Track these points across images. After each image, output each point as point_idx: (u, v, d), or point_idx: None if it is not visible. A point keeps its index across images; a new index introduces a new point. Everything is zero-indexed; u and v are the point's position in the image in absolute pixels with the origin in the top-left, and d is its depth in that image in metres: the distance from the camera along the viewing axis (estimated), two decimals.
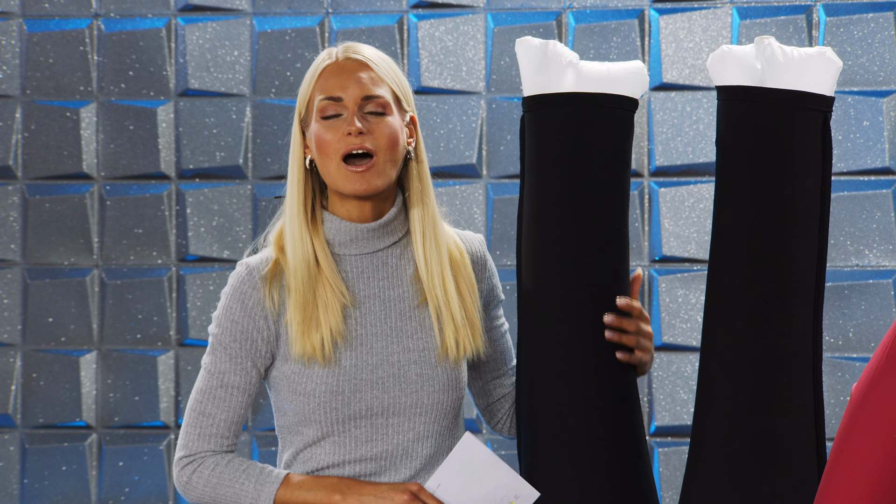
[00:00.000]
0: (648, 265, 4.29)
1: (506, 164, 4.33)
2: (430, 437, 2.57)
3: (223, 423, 2.56)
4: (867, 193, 4.23)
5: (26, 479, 4.42)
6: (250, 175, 4.38)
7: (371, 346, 2.55)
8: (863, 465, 2.17)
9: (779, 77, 2.45)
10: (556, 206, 2.53)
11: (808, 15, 4.25)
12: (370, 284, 2.59)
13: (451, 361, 2.57)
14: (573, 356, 2.53)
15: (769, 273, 2.46)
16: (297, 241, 2.56)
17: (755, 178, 2.47)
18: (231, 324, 2.56)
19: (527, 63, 2.56)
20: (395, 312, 2.58)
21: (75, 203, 4.41)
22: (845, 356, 4.23)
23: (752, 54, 2.48)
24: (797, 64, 2.45)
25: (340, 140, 2.53)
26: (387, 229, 2.60)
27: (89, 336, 4.41)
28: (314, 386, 2.53)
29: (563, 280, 2.53)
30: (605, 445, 2.52)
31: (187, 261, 4.40)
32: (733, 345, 2.47)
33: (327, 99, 2.55)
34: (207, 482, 2.55)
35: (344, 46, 2.59)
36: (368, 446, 2.55)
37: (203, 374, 2.57)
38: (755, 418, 2.46)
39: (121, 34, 4.41)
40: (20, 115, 4.42)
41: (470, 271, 2.63)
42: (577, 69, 2.54)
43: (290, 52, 4.35)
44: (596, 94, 2.52)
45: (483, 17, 4.34)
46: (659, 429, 4.27)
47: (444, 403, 2.57)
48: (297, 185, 2.58)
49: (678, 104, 4.29)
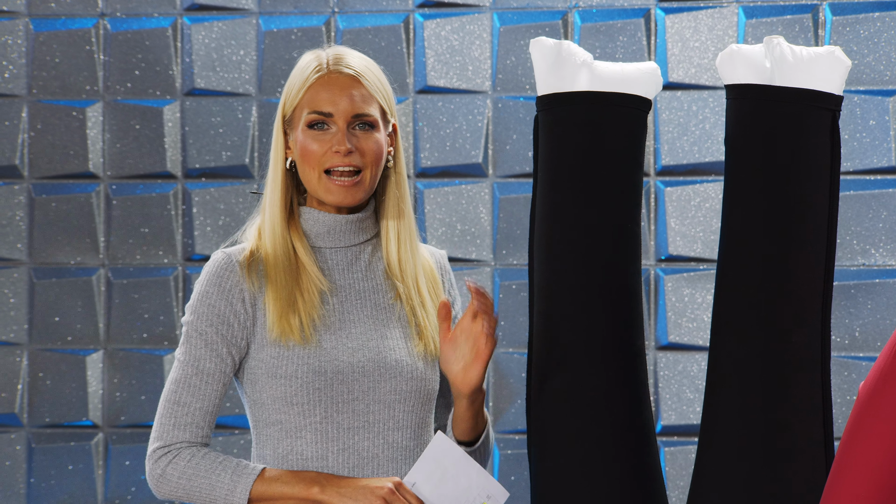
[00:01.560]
0: (655, 264, 4.29)
1: (512, 164, 4.33)
2: (408, 426, 2.58)
3: (198, 412, 2.55)
4: (873, 192, 4.22)
5: (33, 479, 4.42)
6: (256, 174, 4.38)
7: (350, 331, 2.57)
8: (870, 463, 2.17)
9: (788, 76, 2.45)
10: (569, 205, 2.54)
11: (814, 14, 4.25)
12: (346, 276, 2.62)
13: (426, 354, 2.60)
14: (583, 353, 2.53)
15: (778, 272, 2.46)
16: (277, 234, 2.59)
17: (764, 177, 2.47)
18: (207, 308, 2.56)
19: (541, 63, 2.56)
20: (370, 303, 2.61)
21: (81, 202, 4.41)
22: (852, 355, 4.23)
23: (761, 53, 2.48)
24: (806, 63, 2.46)
25: (326, 154, 2.57)
26: (361, 225, 2.63)
27: (96, 335, 4.41)
28: (295, 367, 2.53)
29: (575, 277, 2.54)
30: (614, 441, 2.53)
31: (193, 260, 4.40)
32: (742, 344, 2.47)
33: (316, 112, 2.58)
34: (182, 474, 2.53)
35: (334, 56, 2.60)
36: (350, 434, 2.55)
37: (176, 366, 2.57)
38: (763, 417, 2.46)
39: (127, 34, 4.41)
40: (26, 114, 4.42)
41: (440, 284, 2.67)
42: (591, 69, 2.54)
43: (296, 52, 4.35)
44: (610, 94, 2.53)
45: (489, 17, 4.34)
46: (665, 428, 4.27)
47: (422, 392, 2.59)
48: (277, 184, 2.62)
49: (684, 103, 4.29)
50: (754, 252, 2.47)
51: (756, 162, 2.47)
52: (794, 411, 2.46)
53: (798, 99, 2.45)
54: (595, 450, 2.52)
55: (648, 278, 4.28)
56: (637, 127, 2.55)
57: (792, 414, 2.46)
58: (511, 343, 4.27)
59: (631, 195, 2.56)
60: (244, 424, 4.37)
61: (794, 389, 2.46)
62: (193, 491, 2.53)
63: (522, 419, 4.18)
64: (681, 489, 4.23)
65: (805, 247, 2.46)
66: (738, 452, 2.47)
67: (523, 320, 4.28)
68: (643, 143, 2.57)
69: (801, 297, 2.46)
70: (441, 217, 4.32)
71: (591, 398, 2.53)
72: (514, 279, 4.32)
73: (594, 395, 2.53)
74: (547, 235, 2.56)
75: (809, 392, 2.46)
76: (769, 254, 2.46)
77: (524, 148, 4.32)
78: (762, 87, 2.47)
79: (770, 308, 2.46)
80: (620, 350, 2.55)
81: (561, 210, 2.54)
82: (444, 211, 4.33)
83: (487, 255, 4.33)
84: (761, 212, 2.46)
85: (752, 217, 2.47)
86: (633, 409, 2.55)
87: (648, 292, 4.28)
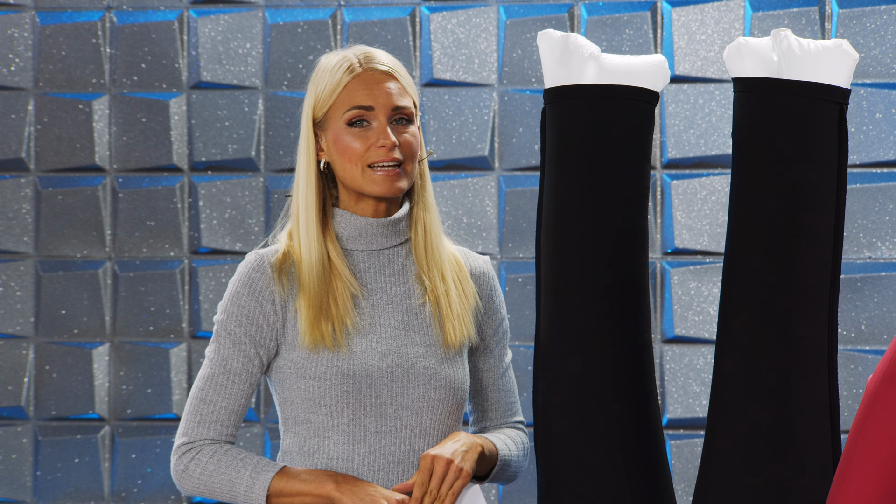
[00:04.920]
0: (661, 257, 4.29)
1: (518, 157, 4.33)
2: (435, 435, 2.58)
3: (223, 411, 2.57)
4: (880, 186, 4.22)
5: (39, 472, 4.42)
6: (262, 167, 4.38)
7: (380, 336, 2.57)
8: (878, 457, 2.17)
9: (795, 69, 2.45)
10: (576, 198, 2.54)
11: (820, 7, 4.24)
12: (377, 279, 2.61)
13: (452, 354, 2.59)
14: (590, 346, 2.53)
15: (786, 265, 2.46)
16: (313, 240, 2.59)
17: (771, 170, 2.47)
18: (237, 308, 2.58)
19: (548, 55, 2.57)
20: (401, 308, 2.60)
21: (88, 195, 4.42)
22: (858, 349, 4.23)
23: (768, 46, 2.48)
24: (814, 56, 2.46)
25: (370, 150, 2.57)
26: (395, 228, 2.62)
27: (102, 328, 4.41)
28: (325, 369, 2.54)
29: (582, 270, 2.54)
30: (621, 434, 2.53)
31: (199, 253, 4.40)
32: (749, 337, 2.47)
33: (357, 108, 2.58)
34: (204, 470, 2.55)
35: (364, 54, 2.61)
36: (376, 438, 2.56)
37: (205, 363, 2.59)
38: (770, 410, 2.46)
39: (133, 27, 4.41)
40: (33, 107, 4.43)
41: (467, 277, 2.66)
42: (599, 62, 2.54)
43: (302, 45, 4.35)
44: (617, 87, 2.53)
45: (495, 10, 4.34)
46: (671, 421, 4.27)
47: (450, 401, 2.59)
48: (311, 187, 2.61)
49: (690, 96, 4.28)
50: (761, 245, 2.47)
51: (763, 155, 2.47)
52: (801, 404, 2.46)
53: (805, 92, 2.45)
54: (601, 443, 2.52)
55: (655, 271, 4.28)
56: (644, 120, 2.55)
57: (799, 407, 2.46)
58: (517, 336, 4.27)
59: (638, 188, 2.56)
60: (251, 417, 4.38)
61: (801, 382, 2.46)
62: (215, 486, 2.55)
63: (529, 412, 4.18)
64: (687, 482, 4.24)
65: (812, 240, 2.46)
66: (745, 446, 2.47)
67: (530, 313, 4.28)
68: (650, 135, 2.57)
69: (808, 290, 2.46)
70: (447, 210, 4.32)
71: (597, 391, 2.53)
72: (520, 272, 4.32)
73: (601, 388, 2.53)
74: (554, 228, 2.56)
75: (816, 385, 2.46)
76: (776, 247, 2.46)
77: (530, 141, 4.32)
78: (770, 81, 2.47)
79: (777, 301, 2.46)
80: (627, 343, 2.55)
81: (568, 203, 2.54)
82: (451, 204, 4.33)
83: (494, 248, 4.33)
84: (768, 205, 2.46)
85: (759, 210, 2.47)
86: (640, 401, 2.56)
87: (654, 285, 4.28)
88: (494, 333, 2.70)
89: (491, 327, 2.69)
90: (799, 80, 2.45)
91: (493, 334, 2.69)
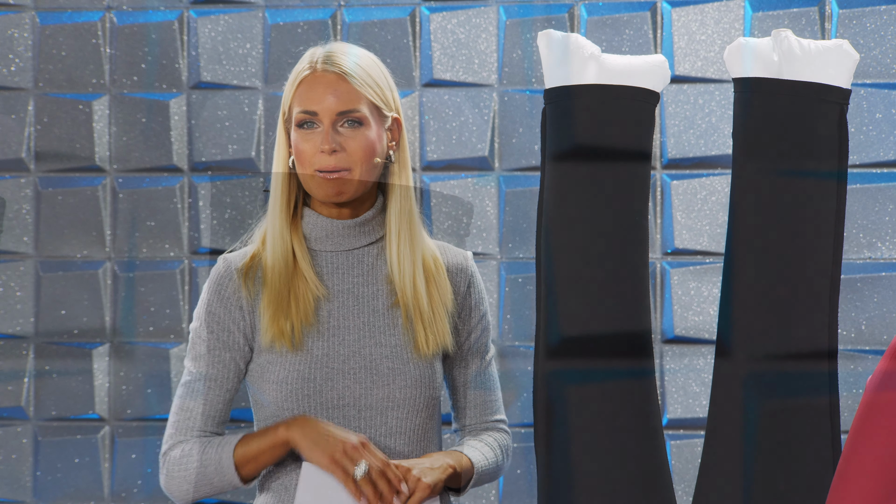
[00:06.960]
0: (661, 258, 4.29)
1: (518, 157, 4.33)
2: (402, 433, 2.59)
3: (200, 417, 2.59)
4: (880, 186, 4.22)
5: (39, 472, 4.42)
6: (263, 168, 4.39)
7: (343, 338, 2.58)
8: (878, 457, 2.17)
9: (796, 69, 2.46)
10: (577, 198, 2.54)
11: (820, 7, 4.24)
12: (344, 280, 2.62)
13: (423, 359, 2.59)
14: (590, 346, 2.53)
15: (785, 265, 2.46)
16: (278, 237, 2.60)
17: (771, 170, 2.47)
18: (208, 315, 2.60)
19: (549, 55, 2.57)
20: (368, 308, 2.61)
21: (88, 196, 4.42)
22: (858, 349, 4.23)
23: (768, 47, 2.48)
24: (814, 56, 2.46)
25: (315, 154, 2.57)
26: (364, 228, 2.62)
27: (102, 328, 4.41)
28: (286, 374, 2.55)
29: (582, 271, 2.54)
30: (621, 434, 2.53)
31: (200, 253, 4.41)
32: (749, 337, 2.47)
33: (303, 112, 2.58)
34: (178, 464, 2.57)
35: (325, 53, 2.60)
36: None
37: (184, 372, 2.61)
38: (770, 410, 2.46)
39: (133, 27, 4.41)
40: (33, 107, 4.43)
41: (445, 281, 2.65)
42: (599, 62, 2.55)
43: (302, 45, 4.35)
44: (617, 87, 2.53)
45: (495, 10, 4.34)
46: (671, 421, 4.27)
47: (417, 400, 2.59)
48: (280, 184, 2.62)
49: (690, 97, 4.28)
50: (762, 245, 2.47)
51: (763, 155, 2.48)
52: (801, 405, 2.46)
53: (806, 93, 2.45)
54: (602, 443, 2.52)
55: (655, 271, 4.28)
56: (645, 120, 2.55)
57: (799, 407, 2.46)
58: (517, 337, 4.27)
59: (638, 188, 2.57)
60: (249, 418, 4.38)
61: (800, 382, 2.46)
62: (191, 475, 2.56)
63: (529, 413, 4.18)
64: (687, 482, 4.24)
65: (813, 240, 2.46)
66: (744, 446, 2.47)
67: (530, 314, 4.28)
68: (651, 135, 2.58)
69: (807, 290, 2.46)
70: (447, 210, 4.32)
71: (597, 391, 2.53)
72: (520, 272, 4.32)
73: (600, 388, 2.53)
74: (554, 228, 2.56)
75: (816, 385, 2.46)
76: (777, 247, 2.46)
77: (530, 141, 4.32)
78: (769, 81, 2.47)
79: (777, 301, 2.46)
80: (627, 343, 2.55)
81: (568, 203, 2.54)
82: (450, 204, 4.33)
83: (494, 248, 4.33)
84: (768, 205, 2.47)
85: (759, 210, 2.47)
86: (640, 402, 2.56)
87: (655, 286, 4.28)
88: (472, 331, 2.69)
89: (467, 326, 2.69)
90: (799, 81, 2.45)
91: (469, 333, 2.69)
